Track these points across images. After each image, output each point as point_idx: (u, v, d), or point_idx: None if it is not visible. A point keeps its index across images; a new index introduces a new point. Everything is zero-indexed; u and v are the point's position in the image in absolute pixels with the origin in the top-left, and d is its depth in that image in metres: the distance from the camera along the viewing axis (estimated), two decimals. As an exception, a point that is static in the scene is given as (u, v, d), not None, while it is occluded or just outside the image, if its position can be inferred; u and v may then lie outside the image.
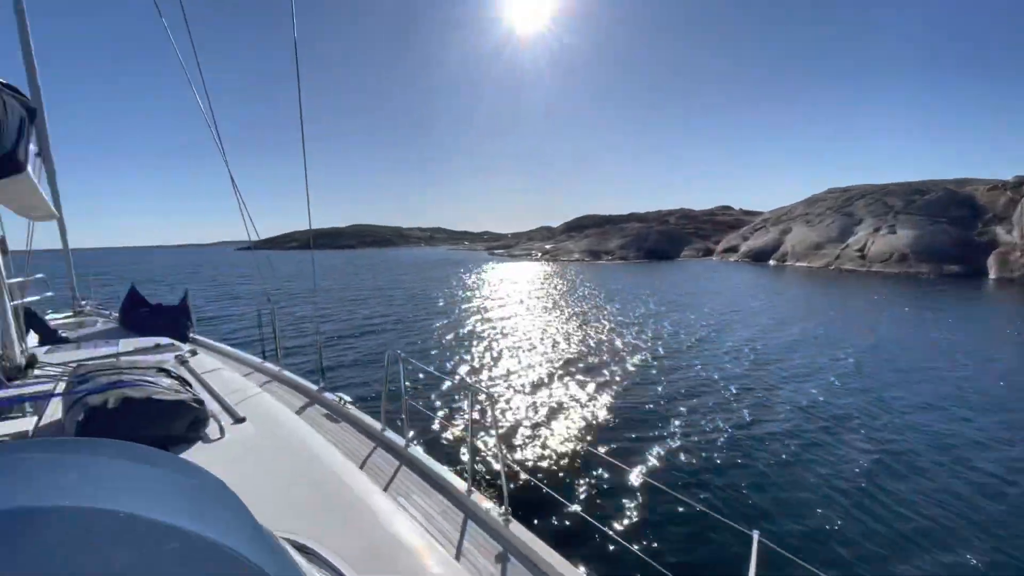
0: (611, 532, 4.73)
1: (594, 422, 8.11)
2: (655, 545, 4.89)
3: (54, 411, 2.72)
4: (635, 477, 6.09)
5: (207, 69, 4.72)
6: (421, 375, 9.75)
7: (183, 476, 0.93)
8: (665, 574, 2.61)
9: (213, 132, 4.55)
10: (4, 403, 2.86)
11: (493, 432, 3.03)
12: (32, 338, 5.78)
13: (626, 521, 5.31)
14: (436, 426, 7.55)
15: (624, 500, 5.70)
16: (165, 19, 4.40)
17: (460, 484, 3.05)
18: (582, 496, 5.82)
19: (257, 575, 0.70)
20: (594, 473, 6.30)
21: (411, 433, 3.70)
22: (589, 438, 7.45)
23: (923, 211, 43.50)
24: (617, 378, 10.71)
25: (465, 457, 5.56)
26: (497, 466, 5.91)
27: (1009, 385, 10.26)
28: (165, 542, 0.65)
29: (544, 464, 6.61)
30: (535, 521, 5.03)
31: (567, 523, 5.17)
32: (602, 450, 6.76)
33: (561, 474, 6.33)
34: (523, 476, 5.96)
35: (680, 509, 5.31)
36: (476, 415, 8.06)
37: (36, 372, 3.59)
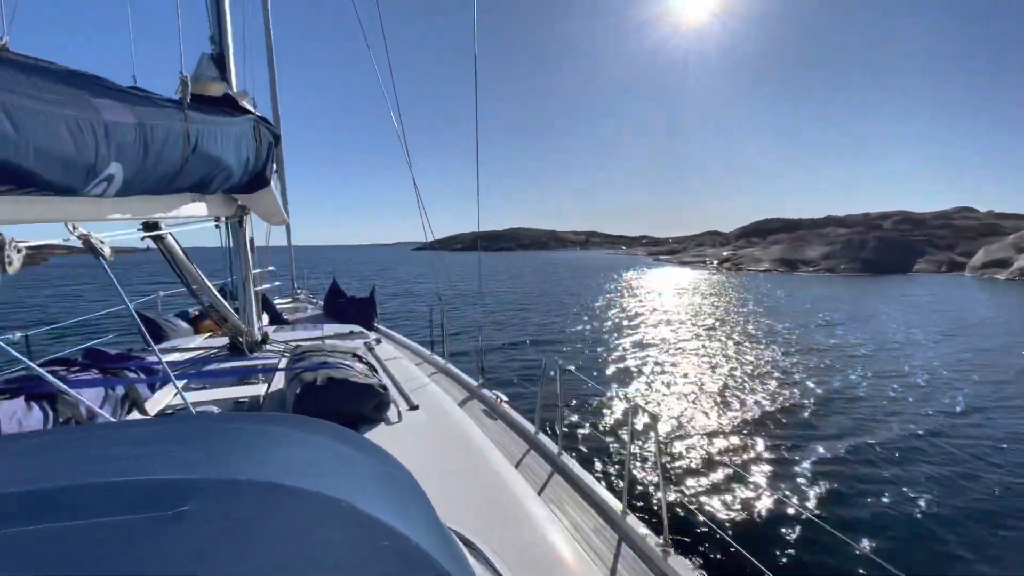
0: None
1: (786, 469, 6.75)
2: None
3: (278, 382, 3.30)
4: (828, 536, 5.02)
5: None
6: (579, 385, 9.53)
7: (384, 466, 1.00)
8: None
9: (403, 146, 5.15)
10: (247, 372, 3.58)
11: (653, 453, 2.84)
12: (264, 318, 7.22)
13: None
14: (590, 438, 7.31)
15: (812, 556, 4.83)
16: (371, 51, 5.13)
17: (615, 503, 2.92)
18: (757, 543, 4.96)
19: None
20: (777, 524, 5.35)
21: (564, 442, 3.67)
22: (778, 485, 6.29)
23: None
24: (837, 431, 8.11)
25: (621, 475, 5.33)
26: (656, 491, 5.46)
27: None
28: (378, 538, 0.67)
29: (710, 498, 5.85)
30: (695, 558, 4.57)
31: (731, 568, 4.52)
32: (794, 500, 5.75)
33: (730, 513, 5.57)
34: (685, 505, 5.44)
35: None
36: (635, 433, 7.67)
37: (267, 347, 4.45)
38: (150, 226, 2.54)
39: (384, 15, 5.34)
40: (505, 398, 4.59)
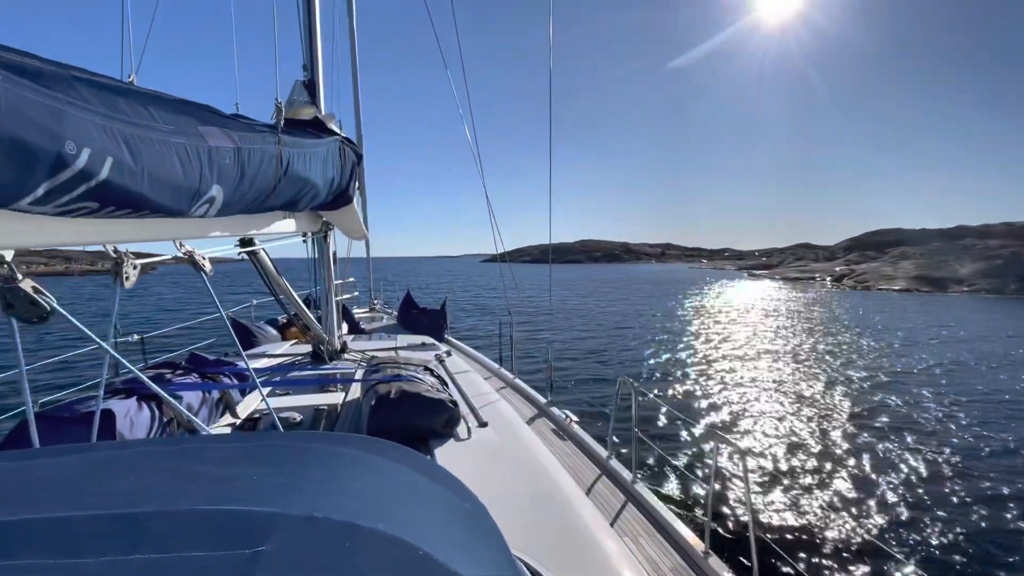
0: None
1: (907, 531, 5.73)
2: None
3: (355, 391, 3.41)
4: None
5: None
6: (655, 409, 9.03)
7: (460, 499, 0.95)
8: None
9: (478, 164, 5.24)
10: (328, 380, 3.74)
11: (742, 491, 2.59)
12: (344, 327, 7.60)
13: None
14: (667, 468, 6.79)
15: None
16: (449, 70, 5.29)
17: (696, 541, 2.70)
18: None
19: None
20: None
21: (638, 469, 3.48)
22: (890, 543, 5.42)
23: None
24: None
25: (698, 509, 4.98)
26: (744, 531, 4.81)
27: None
28: None
29: (806, 546, 5.21)
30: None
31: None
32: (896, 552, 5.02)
33: (829, 563, 4.97)
34: (774, 549, 4.95)
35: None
36: (720, 466, 6.90)
37: (346, 356, 4.64)
38: (246, 242, 2.73)
39: (460, 29, 5.53)
40: (575, 418, 4.46)
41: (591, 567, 1.61)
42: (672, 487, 6.35)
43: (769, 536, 5.29)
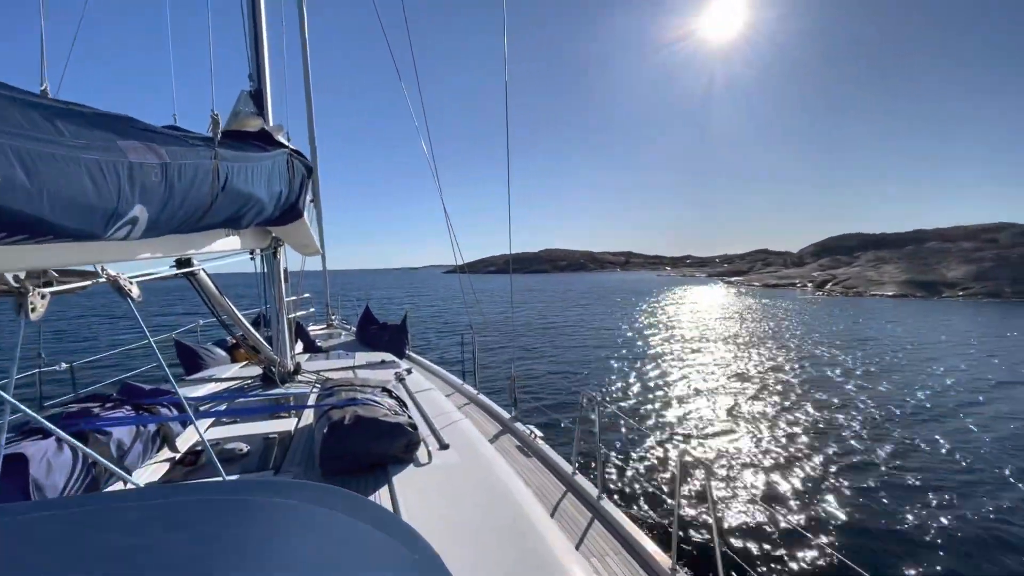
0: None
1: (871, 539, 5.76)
2: None
3: (308, 416, 3.23)
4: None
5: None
6: (618, 422, 8.84)
7: (410, 551, 0.87)
8: None
9: (434, 175, 5.14)
10: (278, 407, 3.53)
11: (707, 507, 2.58)
12: (299, 346, 7.28)
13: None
14: (632, 481, 6.67)
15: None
16: (403, 82, 5.19)
17: (663, 558, 2.67)
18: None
19: None
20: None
21: (604, 484, 3.44)
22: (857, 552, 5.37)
23: None
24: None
25: (667, 523, 4.94)
26: (709, 547, 4.68)
27: None
28: None
29: (773, 559, 5.11)
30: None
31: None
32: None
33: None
34: (739, 564, 4.89)
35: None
36: (685, 479, 6.71)
37: (299, 378, 4.41)
38: (183, 262, 2.54)
39: (413, 37, 5.44)
40: (540, 433, 4.40)
41: None
42: (639, 502, 6.21)
43: (737, 547, 5.30)
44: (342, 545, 0.76)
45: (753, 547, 5.35)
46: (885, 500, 6.53)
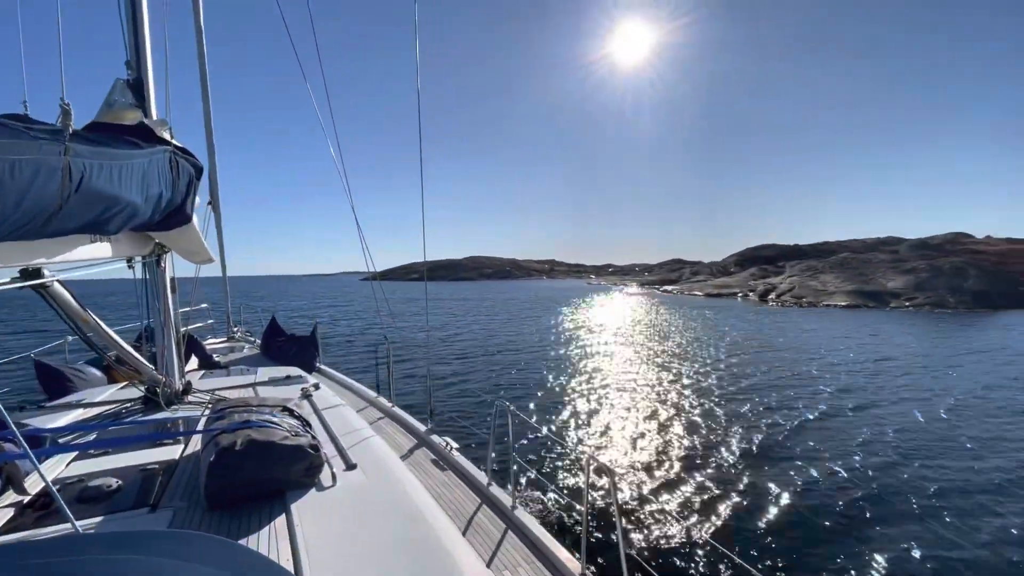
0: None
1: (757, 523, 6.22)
2: None
3: (195, 443, 2.91)
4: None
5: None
6: (532, 433, 8.80)
7: None
8: None
9: (343, 178, 4.91)
10: (159, 435, 3.15)
11: (614, 510, 2.66)
12: (193, 362, 6.60)
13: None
14: (545, 489, 6.67)
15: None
16: (308, 80, 4.92)
17: (574, 564, 2.72)
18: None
19: None
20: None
21: (518, 494, 3.44)
22: (746, 541, 5.84)
23: None
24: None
25: (578, 531, 5.00)
26: (616, 549, 4.85)
27: None
28: None
29: (671, 555, 5.48)
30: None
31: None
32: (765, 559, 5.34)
33: (692, 570, 5.27)
34: (646, 561, 4.92)
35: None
36: (592, 485, 6.88)
37: (189, 399, 3.99)
38: (30, 273, 2.18)
39: (323, 43, 5.18)
40: (456, 445, 4.32)
41: None
42: (551, 509, 6.27)
43: (642, 548, 5.56)
44: None
45: (657, 548, 5.61)
46: (786, 501, 6.91)
